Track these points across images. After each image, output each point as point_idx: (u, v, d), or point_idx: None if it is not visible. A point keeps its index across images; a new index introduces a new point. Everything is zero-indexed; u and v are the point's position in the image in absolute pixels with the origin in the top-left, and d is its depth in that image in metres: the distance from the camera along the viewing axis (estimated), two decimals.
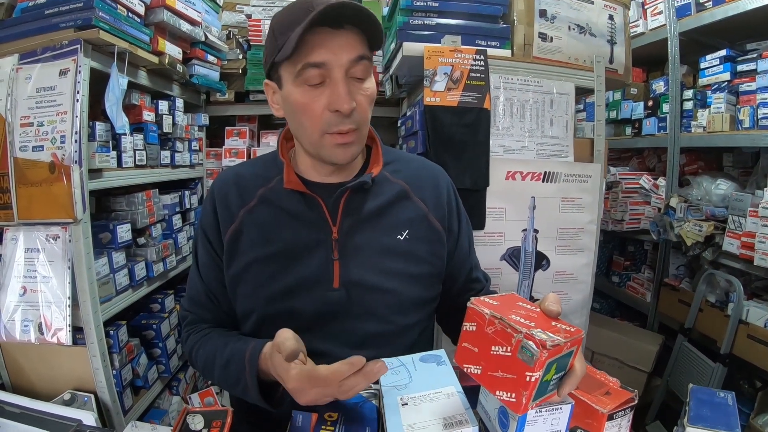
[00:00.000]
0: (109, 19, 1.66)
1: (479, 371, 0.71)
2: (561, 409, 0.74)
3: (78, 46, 1.60)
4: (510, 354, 0.67)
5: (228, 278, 1.11)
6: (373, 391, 0.89)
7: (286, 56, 0.93)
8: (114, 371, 1.82)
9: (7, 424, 1.44)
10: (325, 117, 0.97)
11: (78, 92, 1.59)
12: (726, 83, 2.64)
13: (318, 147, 1.02)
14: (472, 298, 0.74)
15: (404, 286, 1.10)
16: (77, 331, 1.69)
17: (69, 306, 1.64)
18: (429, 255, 1.14)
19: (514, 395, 0.66)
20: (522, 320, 0.68)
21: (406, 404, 0.79)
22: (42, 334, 1.64)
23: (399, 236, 1.10)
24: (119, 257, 1.90)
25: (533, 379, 0.64)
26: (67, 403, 1.65)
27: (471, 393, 0.82)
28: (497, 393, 0.68)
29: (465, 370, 0.73)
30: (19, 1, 1.71)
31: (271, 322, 1.03)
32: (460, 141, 1.76)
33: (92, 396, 1.70)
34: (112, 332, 1.85)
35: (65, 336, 1.62)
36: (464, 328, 0.74)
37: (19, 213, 1.64)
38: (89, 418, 1.47)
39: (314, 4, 0.89)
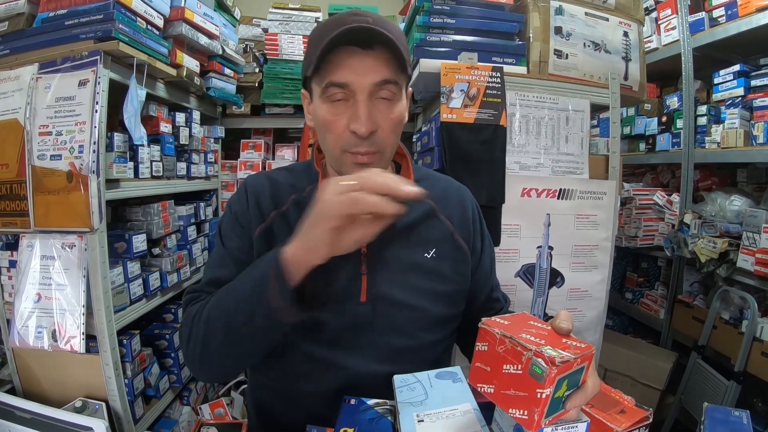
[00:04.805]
0: (128, 32, 1.68)
1: (492, 390, 0.71)
2: (577, 427, 0.74)
3: (98, 57, 1.62)
4: (521, 372, 0.67)
5: None
6: (388, 407, 0.89)
7: (312, 72, 0.95)
8: (126, 380, 1.82)
9: (18, 429, 1.45)
10: (345, 136, 0.97)
11: (97, 103, 1.61)
12: (740, 98, 2.63)
13: (339, 163, 1.02)
14: (484, 318, 0.75)
15: (430, 303, 1.09)
16: (90, 339, 1.70)
17: (83, 314, 1.65)
18: (454, 273, 1.13)
19: (526, 413, 0.67)
20: (532, 338, 0.69)
21: (422, 421, 0.79)
22: (55, 341, 1.65)
23: (426, 254, 1.10)
24: (134, 267, 1.92)
25: (544, 395, 0.65)
26: (79, 411, 1.65)
27: (486, 410, 0.82)
28: (510, 411, 0.69)
29: (479, 389, 0.73)
30: (40, 11, 1.73)
31: (295, 332, 1.02)
32: (476, 158, 1.76)
33: (104, 404, 1.71)
34: (125, 341, 1.86)
35: (78, 344, 1.63)
36: (477, 348, 0.74)
37: (35, 220, 1.65)
38: (100, 425, 1.47)
39: (345, 22, 0.90)
